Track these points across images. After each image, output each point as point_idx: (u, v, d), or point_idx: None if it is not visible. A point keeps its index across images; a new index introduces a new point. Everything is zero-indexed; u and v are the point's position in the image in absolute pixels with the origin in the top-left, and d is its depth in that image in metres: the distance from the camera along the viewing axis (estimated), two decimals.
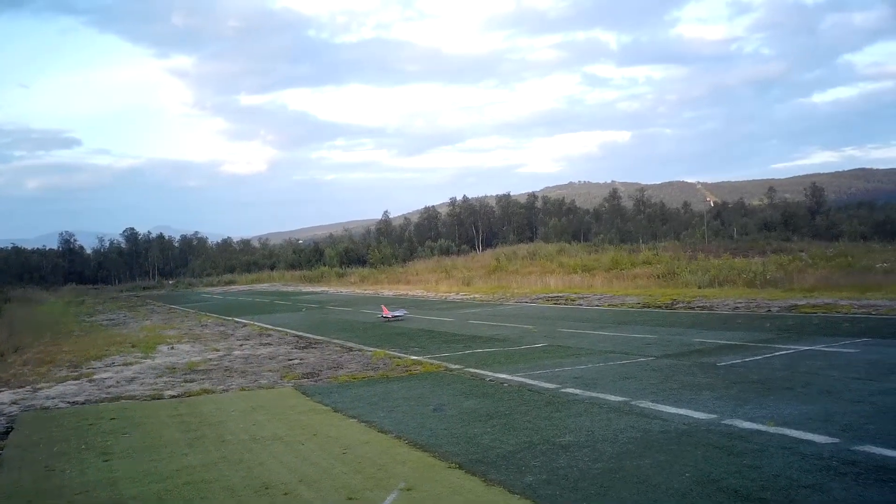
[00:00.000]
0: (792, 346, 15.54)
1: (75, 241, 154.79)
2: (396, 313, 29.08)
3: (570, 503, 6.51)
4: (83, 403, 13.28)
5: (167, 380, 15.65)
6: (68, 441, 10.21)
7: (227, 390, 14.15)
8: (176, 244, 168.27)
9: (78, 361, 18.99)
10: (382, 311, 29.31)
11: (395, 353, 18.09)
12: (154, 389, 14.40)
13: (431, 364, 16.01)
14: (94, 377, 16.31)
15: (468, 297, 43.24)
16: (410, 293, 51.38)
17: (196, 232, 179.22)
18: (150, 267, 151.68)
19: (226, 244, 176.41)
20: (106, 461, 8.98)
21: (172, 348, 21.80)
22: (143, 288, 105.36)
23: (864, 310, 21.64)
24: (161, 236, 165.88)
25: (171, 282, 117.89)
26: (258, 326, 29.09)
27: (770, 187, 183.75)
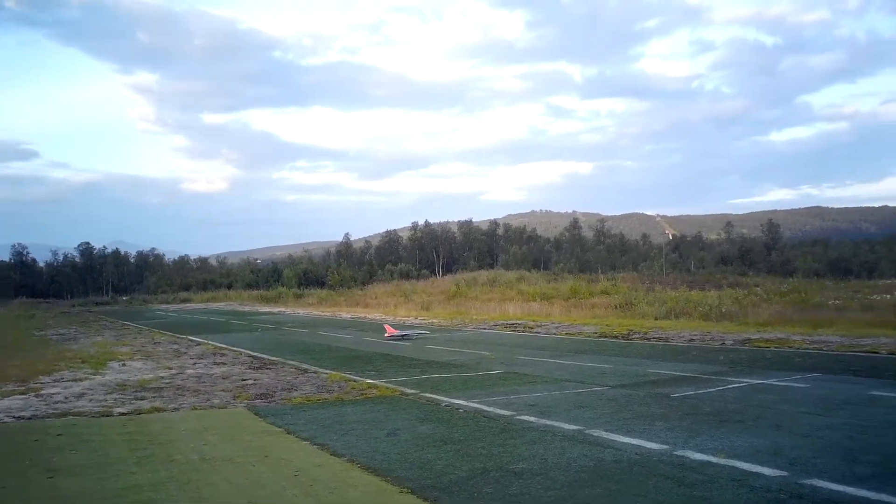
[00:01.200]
0: (744, 380, 15.74)
1: (28, 253, 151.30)
2: (406, 333, 28.38)
3: None
4: (29, 419, 12.95)
5: (117, 397, 15.36)
6: (12, 457, 9.95)
7: (178, 409, 13.91)
8: (132, 260, 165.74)
9: (25, 376, 18.51)
10: (386, 330, 28.72)
11: (351, 376, 17.97)
12: (103, 406, 14.10)
13: (387, 388, 15.93)
14: (42, 392, 15.92)
15: (426, 321, 43.16)
16: (369, 316, 51.15)
17: (153, 248, 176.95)
18: (105, 282, 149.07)
19: (183, 262, 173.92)
20: (51, 478, 8.76)
21: (124, 365, 21.41)
22: (97, 303, 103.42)
23: (815, 345, 22.01)
24: (117, 251, 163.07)
25: (125, 298, 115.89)
26: (212, 345, 28.71)
27: (728, 222, 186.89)
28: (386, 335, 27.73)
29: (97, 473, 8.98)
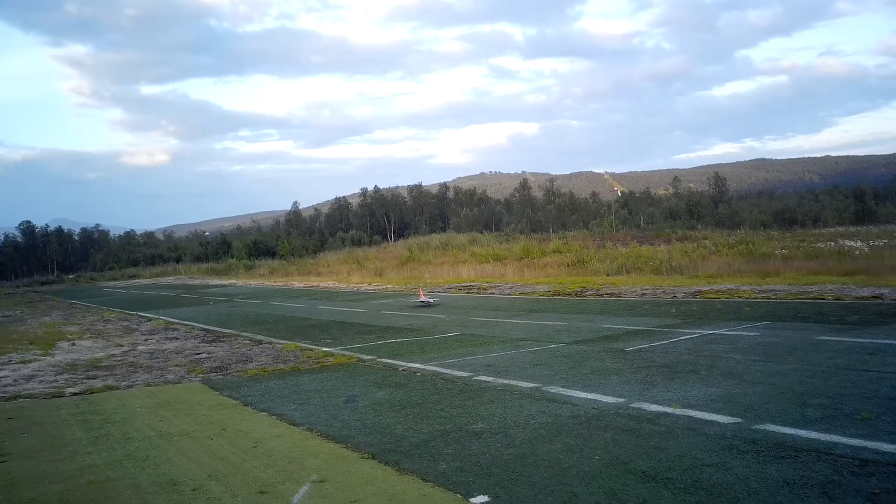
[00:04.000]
0: (696, 331, 16.01)
1: None
2: (429, 300, 28.21)
3: (483, 489, 6.52)
4: None
5: (68, 377, 15.05)
6: None
7: (131, 386, 13.69)
8: (76, 238, 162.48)
9: None
10: (420, 294, 28.80)
11: (307, 346, 17.88)
12: (54, 387, 13.81)
13: (343, 356, 15.86)
14: None
15: (380, 287, 43.10)
16: (322, 285, 50.91)
17: (97, 225, 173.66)
18: (49, 261, 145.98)
19: (129, 237, 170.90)
20: (2, 462, 8.55)
21: (73, 345, 21.00)
22: (42, 283, 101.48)
23: (764, 295, 22.46)
24: (60, 230, 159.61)
25: (71, 276, 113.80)
26: (164, 321, 28.31)
27: (675, 177, 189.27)
28: (417, 300, 28.17)
29: (51, 455, 8.79)
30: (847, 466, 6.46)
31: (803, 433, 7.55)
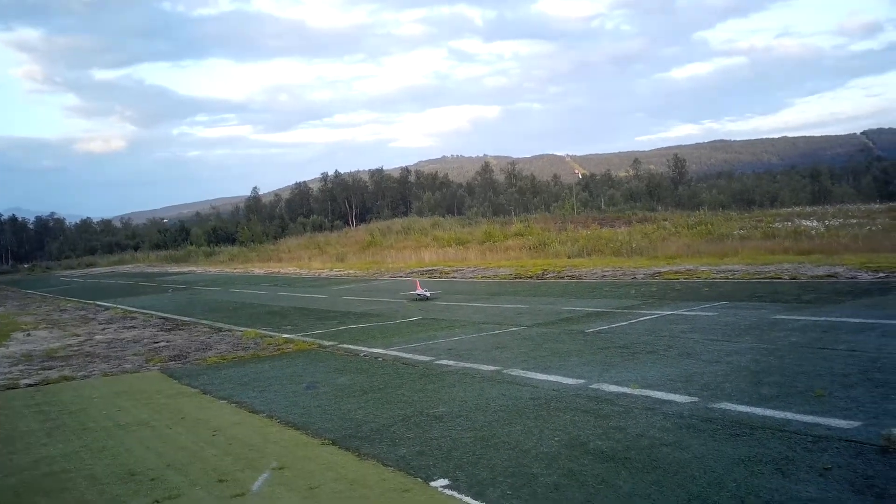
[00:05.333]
0: (656, 312, 16.18)
1: None
2: (425, 293, 24.33)
3: (443, 473, 6.53)
4: None
5: (23, 368, 14.79)
6: None
7: (88, 376, 13.49)
8: (31, 226, 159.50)
9: None
10: (416, 287, 25.14)
11: (267, 332, 17.75)
12: (8, 379, 13.55)
13: (304, 342, 15.78)
14: None
15: (342, 273, 42.95)
16: (282, 271, 50.59)
17: (52, 213, 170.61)
18: (3, 251, 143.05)
19: (85, 225, 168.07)
20: None
21: (29, 335, 20.63)
22: None
23: (722, 275, 22.76)
24: (14, 218, 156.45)
25: (26, 266, 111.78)
26: (121, 310, 27.93)
27: (635, 159, 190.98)
28: (414, 293, 24.41)
29: (6, 447, 8.63)
30: (800, 443, 6.57)
31: (758, 411, 7.66)
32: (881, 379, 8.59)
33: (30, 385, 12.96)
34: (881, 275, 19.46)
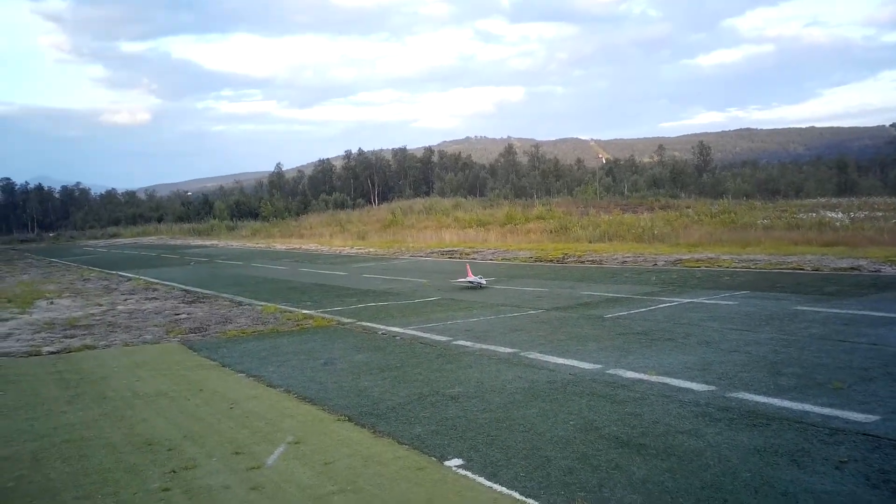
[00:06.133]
0: (675, 299, 16.10)
1: None
2: (478, 280, 20.47)
3: (457, 452, 6.56)
4: None
5: (46, 336, 14.98)
6: None
7: (109, 346, 13.65)
8: (56, 195, 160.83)
9: None
10: (468, 272, 21.25)
11: (287, 308, 17.85)
12: (31, 346, 13.75)
13: (323, 318, 15.86)
14: None
15: (363, 251, 43.05)
16: (304, 247, 50.76)
17: (78, 183, 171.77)
18: (29, 219, 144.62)
19: (110, 196, 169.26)
20: None
21: (52, 303, 20.87)
22: (21, 241, 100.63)
23: (743, 264, 22.58)
24: (40, 187, 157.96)
25: (51, 235, 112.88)
26: (144, 281, 28.18)
27: (660, 145, 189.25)
28: (462, 279, 20.76)
29: (27, 414, 8.76)
30: (817, 435, 6.54)
31: (776, 402, 7.63)
32: None
33: (52, 353, 13.13)
34: None
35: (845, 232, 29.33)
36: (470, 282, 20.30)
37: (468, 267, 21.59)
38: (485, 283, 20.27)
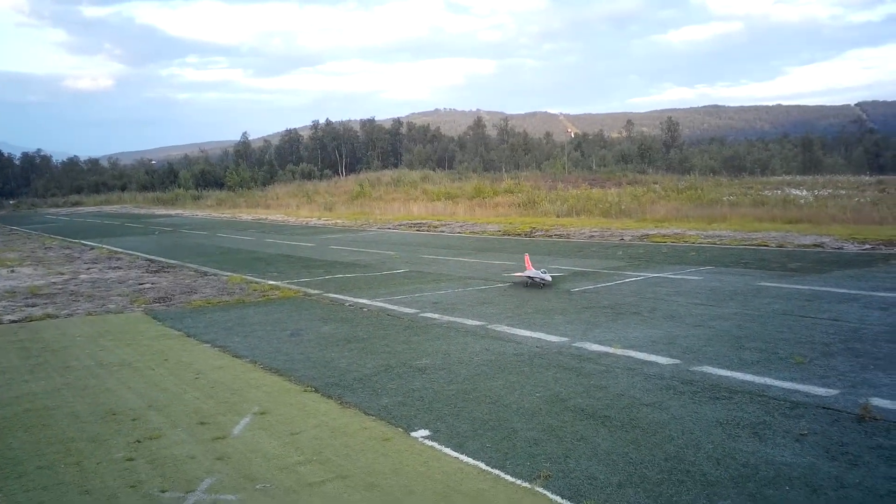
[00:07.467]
0: (641, 274, 16.22)
1: None
2: (540, 275, 15.31)
3: (424, 423, 6.58)
4: None
5: (6, 304, 14.75)
6: None
7: (72, 315, 13.47)
8: (16, 162, 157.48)
9: None
10: (526, 263, 16.24)
11: (252, 279, 17.73)
12: None
13: (290, 289, 15.77)
14: None
15: (330, 222, 42.84)
16: (270, 218, 50.40)
17: (39, 150, 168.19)
18: None
19: (72, 163, 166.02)
20: None
21: (13, 272, 20.53)
22: None
23: (709, 240, 22.82)
24: None
25: (11, 202, 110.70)
26: (107, 250, 27.82)
27: (628, 121, 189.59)
28: (520, 273, 15.97)
29: None
30: (778, 408, 6.64)
31: (739, 375, 7.73)
32: (861, 349, 8.68)
33: (13, 321, 12.93)
34: (867, 246, 19.57)
35: (809, 209, 29.72)
36: (530, 276, 15.52)
37: (527, 258, 16.63)
38: (549, 278, 15.23)
